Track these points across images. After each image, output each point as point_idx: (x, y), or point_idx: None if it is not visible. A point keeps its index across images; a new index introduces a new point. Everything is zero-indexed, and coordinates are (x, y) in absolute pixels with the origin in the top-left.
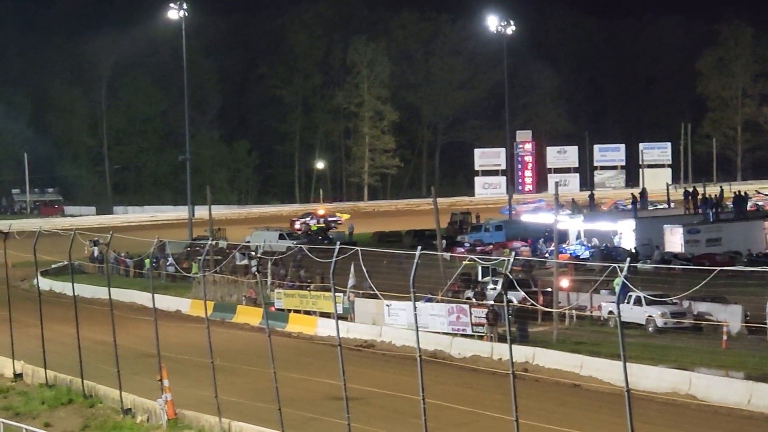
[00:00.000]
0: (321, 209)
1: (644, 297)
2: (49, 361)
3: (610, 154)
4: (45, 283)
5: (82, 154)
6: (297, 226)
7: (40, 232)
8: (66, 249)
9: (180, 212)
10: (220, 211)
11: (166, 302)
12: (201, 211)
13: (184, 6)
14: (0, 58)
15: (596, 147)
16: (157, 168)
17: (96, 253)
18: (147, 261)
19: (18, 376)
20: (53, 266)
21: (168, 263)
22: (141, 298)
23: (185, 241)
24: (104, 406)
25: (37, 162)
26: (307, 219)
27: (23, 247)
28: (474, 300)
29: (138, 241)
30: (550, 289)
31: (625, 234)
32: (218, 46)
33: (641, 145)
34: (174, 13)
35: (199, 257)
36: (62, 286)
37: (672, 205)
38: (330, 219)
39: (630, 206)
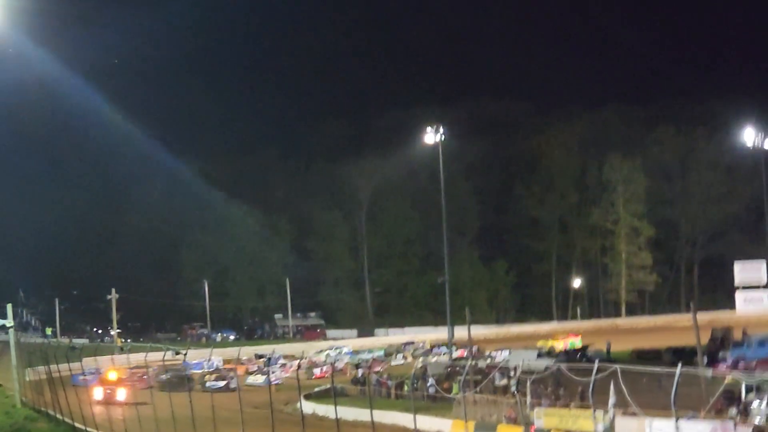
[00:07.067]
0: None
1: None
2: None
3: None
4: (308, 407)
5: (343, 278)
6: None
7: (302, 356)
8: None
9: (440, 333)
10: (479, 331)
11: (427, 423)
12: (460, 332)
13: (441, 130)
14: (265, 185)
15: None
16: (418, 289)
17: (359, 375)
18: (407, 382)
19: None
20: (316, 390)
21: (429, 384)
22: (402, 419)
23: (446, 362)
24: None
25: (298, 286)
26: None
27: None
28: (738, 418)
29: (399, 363)
30: None
31: None
32: (475, 167)
33: None
34: (431, 137)
35: (459, 377)
36: (325, 410)
37: None
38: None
39: None
